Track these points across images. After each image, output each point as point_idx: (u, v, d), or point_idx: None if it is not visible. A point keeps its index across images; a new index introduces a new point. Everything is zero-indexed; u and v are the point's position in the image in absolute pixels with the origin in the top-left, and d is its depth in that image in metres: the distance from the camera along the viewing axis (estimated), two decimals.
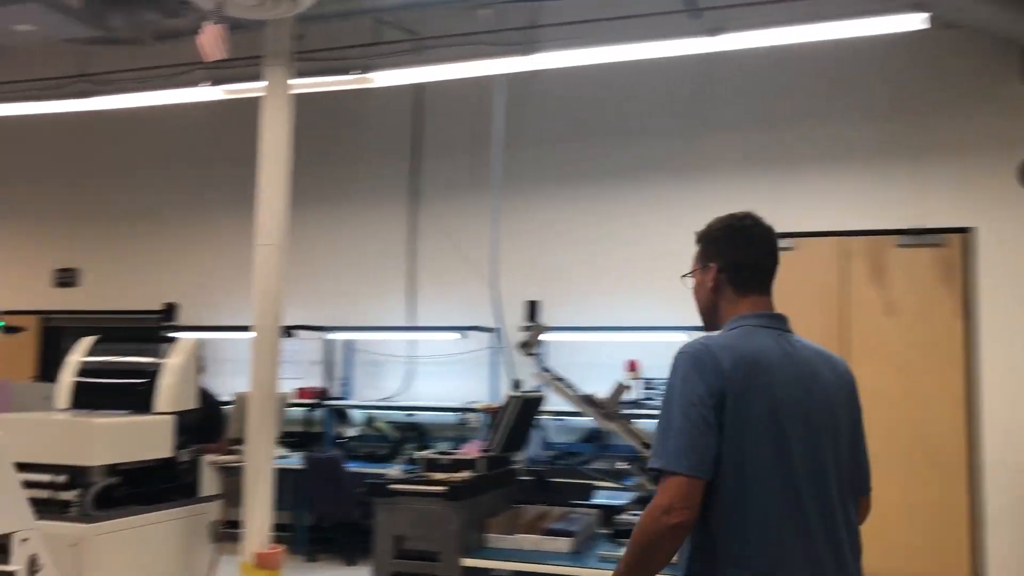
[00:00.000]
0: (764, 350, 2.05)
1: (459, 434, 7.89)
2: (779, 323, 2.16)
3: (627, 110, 7.95)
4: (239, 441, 5.70)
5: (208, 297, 8.98)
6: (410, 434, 8.03)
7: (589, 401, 4.25)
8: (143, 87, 7.04)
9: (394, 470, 6.23)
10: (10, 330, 8.43)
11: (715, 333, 2.16)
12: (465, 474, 4.17)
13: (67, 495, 4.49)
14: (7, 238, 9.88)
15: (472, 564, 3.95)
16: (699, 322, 2.28)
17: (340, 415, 7.91)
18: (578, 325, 7.58)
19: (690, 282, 2.28)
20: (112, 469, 4.61)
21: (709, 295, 2.21)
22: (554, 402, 4.90)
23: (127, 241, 9.38)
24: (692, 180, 7.67)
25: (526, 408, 4.32)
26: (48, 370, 9.14)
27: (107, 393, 5.18)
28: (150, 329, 8.87)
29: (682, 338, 7.26)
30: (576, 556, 4.00)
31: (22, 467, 4.80)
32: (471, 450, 4.34)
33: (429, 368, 8.21)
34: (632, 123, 7.93)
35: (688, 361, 2.01)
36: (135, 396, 5.01)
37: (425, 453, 4.38)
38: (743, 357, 2.01)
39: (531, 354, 4.38)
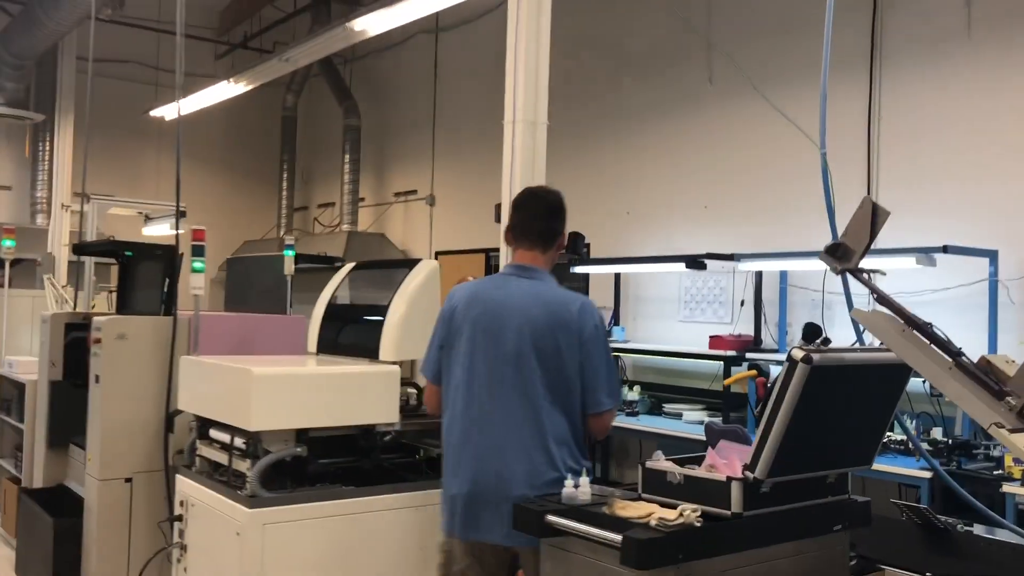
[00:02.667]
0: (486, 289, 2.87)
1: (935, 409, 5.30)
2: (520, 271, 2.84)
3: None
4: None
5: (622, 223, 7.50)
6: None
7: (970, 371, 1.84)
8: None
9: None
10: (316, 261, 7.89)
11: None
12: (688, 513, 2.08)
13: (242, 465, 3.46)
14: (456, 179, 9.60)
15: None
16: None
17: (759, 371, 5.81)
18: None
19: None
20: (302, 436, 3.46)
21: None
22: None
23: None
24: None
25: (827, 378, 2.02)
26: None
27: (347, 334, 4.06)
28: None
29: None
30: None
31: (208, 423, 3.96)
32: (733, 459, 2.19)
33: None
34: None
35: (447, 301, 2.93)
36: (366, 338, 3.79)
37: (658, 461, 2.35)
38: (466, 293, 2.85)
39: (852, 271, 2.07)
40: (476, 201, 9.19)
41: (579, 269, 7.20)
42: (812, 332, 2.19)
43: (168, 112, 10.00)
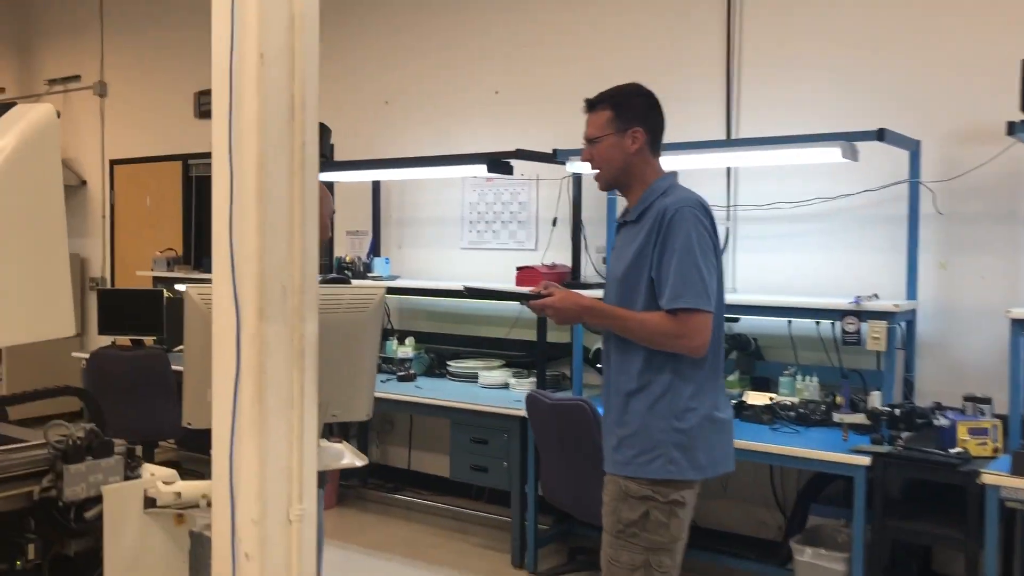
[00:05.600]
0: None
1: (827, 361, 3.93)
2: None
3: None
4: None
5: (379, 116, 5.50)
6: (732, 356, 4.17)
7: None
8: None
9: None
10: None
11: (663, 188, 2.34)
12: None
13: None
14: (138, 60, 7.02)
15: None
16: None
17: None
18: None
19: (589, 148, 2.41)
20: None
21: (629, 157, 2.35)
22: None
23: None
24: None
25: None
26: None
27: None
28: None
29: None
30: None
31: None
32: None
33: (772, 229, 4.22)
34: None
35: (700, 213, 2.28)
36: None
37: None
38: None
39: None
40: (170, 90, 6.76)
41: (321, 176, 5.10)
42: None
43: None
